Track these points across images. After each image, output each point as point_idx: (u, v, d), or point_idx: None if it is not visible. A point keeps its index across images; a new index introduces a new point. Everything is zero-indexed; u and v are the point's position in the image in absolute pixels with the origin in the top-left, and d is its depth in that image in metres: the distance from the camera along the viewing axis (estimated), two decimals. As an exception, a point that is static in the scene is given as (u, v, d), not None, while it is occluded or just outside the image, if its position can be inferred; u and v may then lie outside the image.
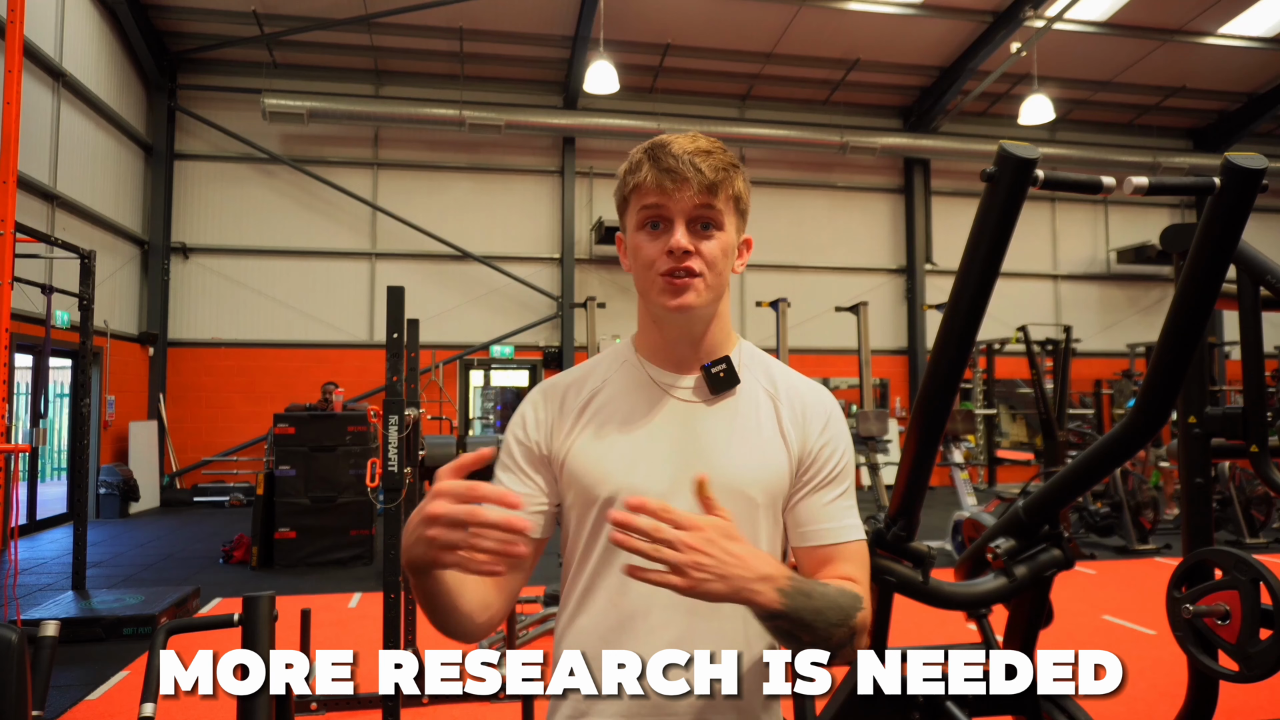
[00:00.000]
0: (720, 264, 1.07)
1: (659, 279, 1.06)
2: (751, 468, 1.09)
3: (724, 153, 1.08)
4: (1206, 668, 2.02)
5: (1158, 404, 1.93)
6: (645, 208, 1.07)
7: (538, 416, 1.14)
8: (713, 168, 1.04)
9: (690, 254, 1.05)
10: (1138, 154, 13.49)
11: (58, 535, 8.59)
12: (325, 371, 11.46)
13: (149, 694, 1.69)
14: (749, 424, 1.11)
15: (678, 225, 1.05)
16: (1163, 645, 4.67)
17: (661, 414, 1.11)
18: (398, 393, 3.43)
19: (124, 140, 10.66)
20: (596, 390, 1.14)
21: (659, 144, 1.07)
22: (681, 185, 1.04)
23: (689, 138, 1.08)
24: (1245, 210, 1.71)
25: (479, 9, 10.64)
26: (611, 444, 1.10)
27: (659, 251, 1.06)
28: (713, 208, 1.06)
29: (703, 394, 1.12)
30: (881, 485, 8.44)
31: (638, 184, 1.07)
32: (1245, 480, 7.98)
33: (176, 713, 3.69)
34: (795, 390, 1.15)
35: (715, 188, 1.05)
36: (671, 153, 1.05)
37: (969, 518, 5.87)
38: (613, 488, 1.07)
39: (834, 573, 1.10)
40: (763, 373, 1.16)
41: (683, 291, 1.05)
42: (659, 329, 1.13)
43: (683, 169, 1.03)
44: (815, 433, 1.12)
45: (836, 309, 10.21)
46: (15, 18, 4.44)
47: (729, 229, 1.08)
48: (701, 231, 1.06)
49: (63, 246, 5.33)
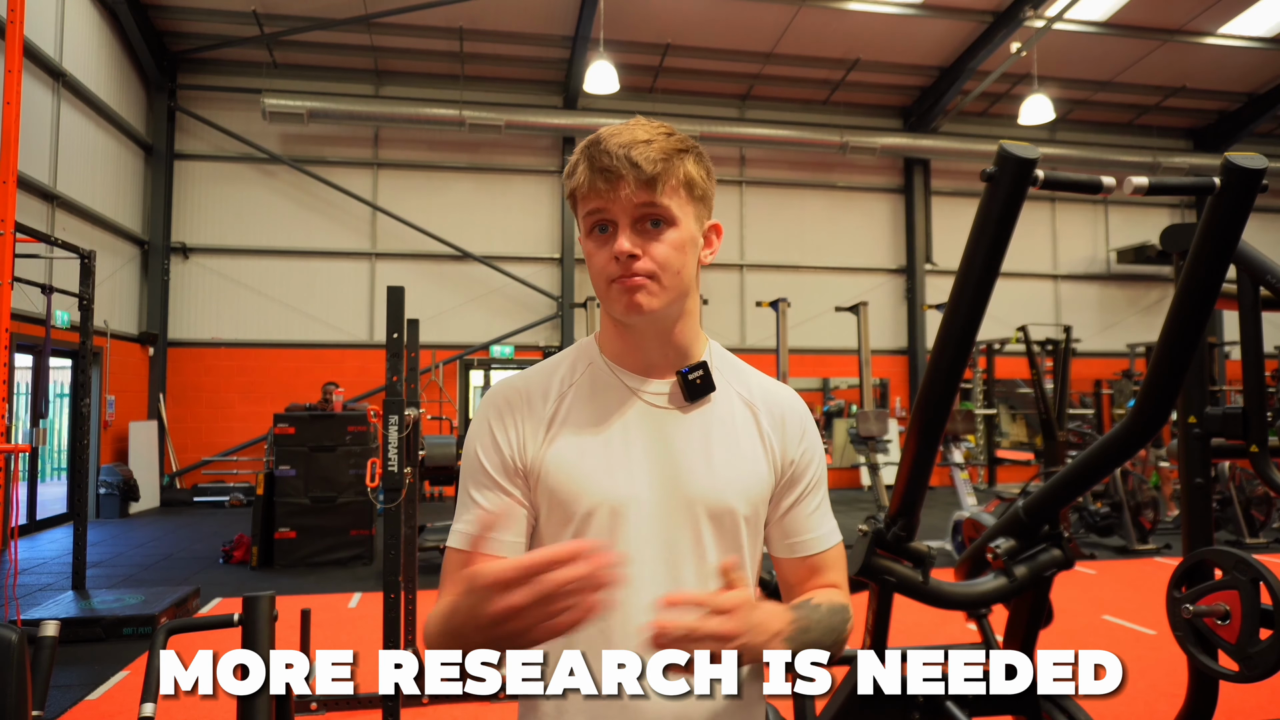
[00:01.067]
0: (674, 263, 1.00)
1: (610, 286, 1.00)
2: (734, 478, 1.05)
3: (667, 138, 1.00)
4: (1206, 668, 2.02)
5: (1158, 404, 1.93)
6: (589, 213, 1.01)
7: (505, 428, 1.05)
8: (650, 159, 0.96)
9: (637, 257, 0.98)
10: (1138, 154, 13.49)
11: (58, 535, 8.59)
12: (325, 371, 11.46)
13: (149, 694, 1.69)
14: (728, 432, 1.07)
15: (622, 228, 0.98)
16: (1163, 645, 4.67)
17: (636, 422, 1.05)
18: (398, 393, 3.43)
19: (124, 140, 10.66)
20: (563, 395, 1.07)
21: (595, 140, 1.00)
22: (617, 184, 0.97)
23: (629, 127, 1.00)
24: (1245, 210, 1.71)
25: (479, 9, 10.65)
26: (586, 454, 1.03)
27: (607, 258, 0.99)
28: (656, 204, 0.98)
29: (677, 401, 1.07)
30: (881, 485, 8.44)
31: (574, 188, 1.01)
32: (1245, 480, 7.99)
33: (176, 713, 3.69)
34: (771, 396, 1.12)
35: (655, 181, 0.97)
36: (605, 149, 0.97)
37: (969, 518, 5.87)
38: (592, 501, 1.02)
39: (820, 581, 1.11)
40: (735, 377, 1.12)
41: (635, 296, 0.98)
42: (623, 333, 1.07)
43: (617, 166, 0.96)
44: (795, 442, 1.10)
45: (836, 309, 10.22)
46: (15, 18, 4.44)
47: (684, 221, 1.01)
48: (650, 230, 0.99)
49: (63, 246, 5.33)
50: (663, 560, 1.02)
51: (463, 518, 1.05)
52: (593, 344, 1.12)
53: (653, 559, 1.02)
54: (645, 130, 1.00)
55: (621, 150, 0.96)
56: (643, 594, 0.98)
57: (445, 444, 6.85)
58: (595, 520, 1.01)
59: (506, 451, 1.05)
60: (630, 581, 0.98)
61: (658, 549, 1.02)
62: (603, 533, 1.01)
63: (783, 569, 1.13)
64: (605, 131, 1.00)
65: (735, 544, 1.05)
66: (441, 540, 6.74)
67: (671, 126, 1.02)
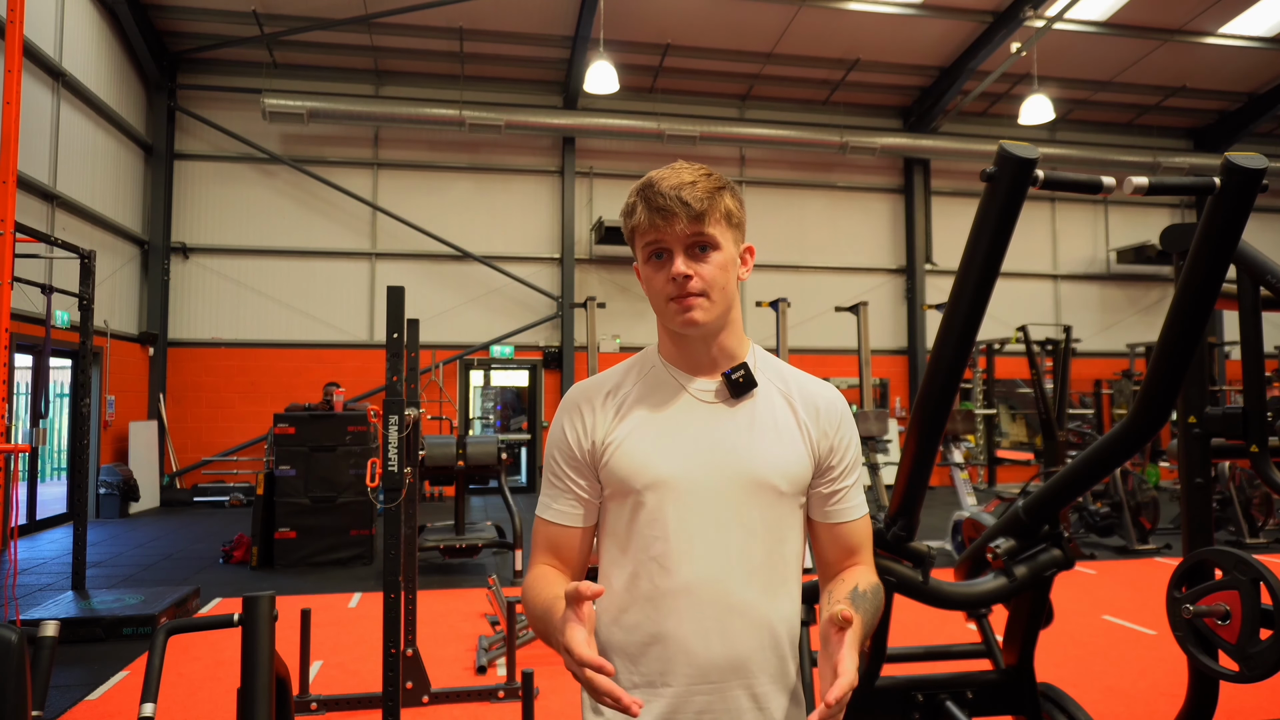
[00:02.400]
0: (720, 280, 1.20)
1: (669, 304, 1.21)
2: (776, 460, 1.23)
3: (708, 178, 1.20)
4: (1206, 668, 2.02)
5: (1158, 404, 1.93)
6: (647, 244, 1.21)
7: (575, 425, 1.27)
8: (697, 198, 1.17)
9: (690, 278, 1.18)
10: (1138, 154, 13.49)
11: (58, 535, 8.59)
12: (325, 371, 11.46)
13: (149, 694, 1.69)
14: (768, 422, 1.25)
15: (676, 254, 1.19)
16: (1163, 645, 4.67)
17: (688, 413, 1.25)
18: (398, 393, 3.43)
19: (124, 140, 10.66)
20: (629, 394, 1.28)
21: (648, 184, 1.20)
22: (672, 220, 1.17)
23: (674, 171, 1.21)
24: (1245, 210, 1.71)
25: (479, 9, 10.65)
26: (645, 440, 1.23)
27: (665, 280, 1.20)
28: (704, 234, 1.18)
29: (723, 396, 1.25)
30: (881, 485, 8.44)
31: (635, 225, 1.21)
32: (1245, 480, 7.99)
33: (176, 713, 3.70)
34: (806, 390, 1.30)
35: (703, 216, 1.18)
36: (659, 191, 1.18)
37: (969, 518, 5.87)
38: (648, 479, 1.21)
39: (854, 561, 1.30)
40: (775, 375, 1.31)
41: (690, 311, 1.19)
42: (677, 341, 1.27)
43: (671, 205, 1.17)
44: (832, 429, 1.28)
45: (836, 309, 10.22)
46: (15, 18, 4.44)
47: (725, 245, 1.21)
48: (699, 255, 1.19)
49: (63, 246, 5.33)
50: (712, 529, 1.20)
51: (543, 495, 1.31)
52: (653, 351, 1.33)
53: (701, 528, 1.20)
54: (690, 173, 1.20)
55: (673, 192, 1.17)
56: (695, 559, 1.19)
57: (445, 444, 6.86)
58: (648, 497, 1.21)
59: (576, 445, 1.27)
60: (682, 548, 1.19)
61: (705, 520, 1.20)
62: (654, 507, 1.21)
63: (819, 540, 1.31)
64: (655, 175, 1.21)
65: (776, 516, 1.23)
66: (441, 540, 6.74)
67: (709, 168, 1.22)
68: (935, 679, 2.17)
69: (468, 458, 6.74)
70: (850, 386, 12.88)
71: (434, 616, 5.29)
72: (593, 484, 1.27)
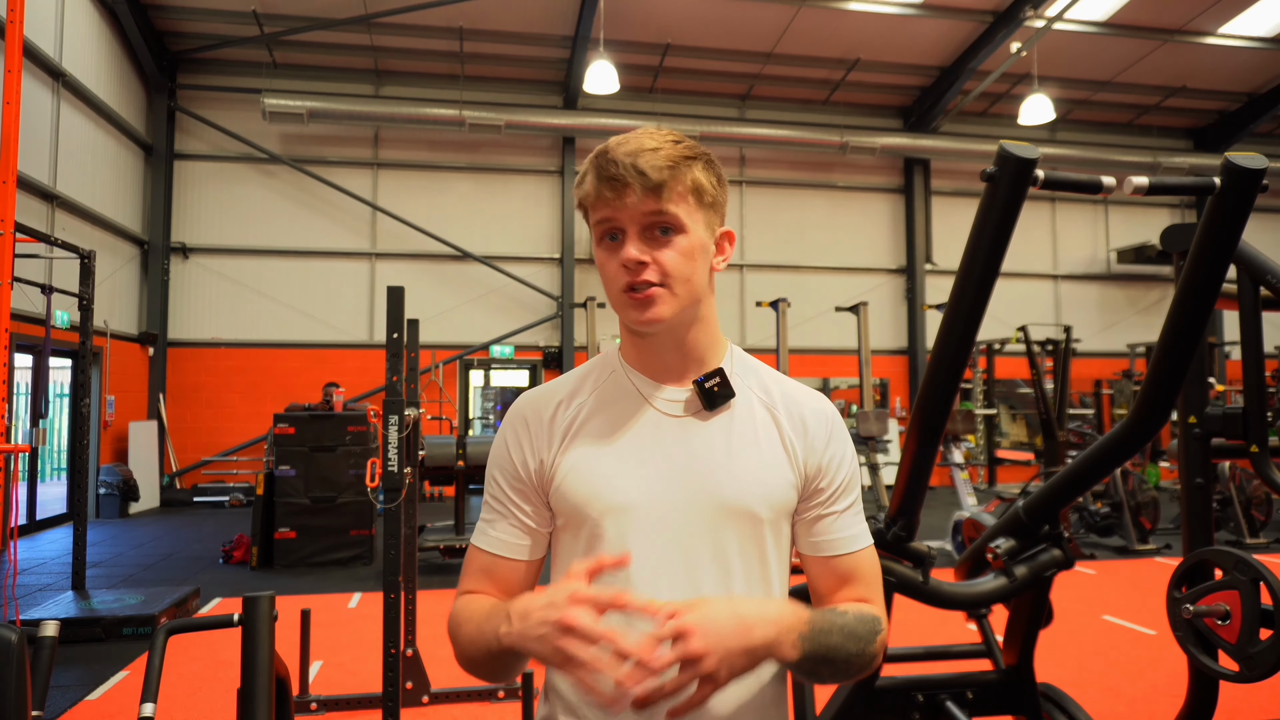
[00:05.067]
0: (683, 270, 0.99)
1: (621, 295, 1.00)
2: (755, 483, 1.03)
3: (674, 145, 0.98)
4: (1206, 668, 2.02)
5: (1158, 404, 1.93)
6: (599, 221, 1.00)
7: (520, 441, 1.08)
8: (655, 166, 0.95)
9: (645, 265, 0.98)
10: (1138, 154, 13.49)
11: (57, 535, 8.59)
12: (325, 371, 11.46)
13: (149, 694, 1.69)
14: (747, 438, 1.05)
15: (630, 236, 0.98)
16: (1163, 645, 4.67)
17: (652, 429, 1.05)
18: (398, 393, 3.43)
19: (124, 140, 10.66)
20: (583, 404, 1.08)
21: (603, 149, 0.99)
22: (624, 192, 0.96)
23: (636, 135, 1.00)
24: (1245, 210, 1.71)
25: (479, 9, 10.65)
26: (603, 460, 1.04)
27: (617, 266, 0.99)
28: (663, 211, 0.97)
29: (695, 408, 1.06)
30: (881, 485, 8.45)
31: (583, 197, 1.01)
32: (1245, 480, 7.99)
33: (176, 713, 3.70)
34: (793, 400, 1.10)
35: (660, 189, 0.96)
36: (612, 158, 0.97)
37: (969, 518, 5.88)
38: (606, 504, 1.02)
39: (850, 594, 1.07)
40: (756, 382, 1.10)
41: (645, 305, 0.98)
42: (639, 341, 1.07)
43: (623, 174, 0.95)
44: (821, 446, 1.07)
45: (836, 309, 10.22)
46: (15, 18, 4.44)
47: (693, 228, 1.00)
48: (659, 238, 0.98)
49: (63, 246, 5.33)
50: (680, 563, 1.01)
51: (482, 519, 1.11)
52: (615, 353, 1.12)
53: (669, 564, 1.01)
54: (652, 138, 0.99)
55: (628, 158, 0.96)
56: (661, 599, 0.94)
57: (445, 444, 6.86)
58: (606, 526, 1.01)
59: (520, 467, 1.07)
60: (645, 586, 0.99)
61: (673, 554, 1.01)
62: (614, 538, 1.01)
63: (812, 574, 1.10)
64: (613, 140, 1.00)
65: (758, 549, 1.04)
66: (441, 540, 6.74)
67: (681, 134, 1.02)
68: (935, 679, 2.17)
69: (468, 458, 6.75)
70: (850, 387, 12.89)
71: (434, 616, 5.29)
72: (540, 510, 1.07)
